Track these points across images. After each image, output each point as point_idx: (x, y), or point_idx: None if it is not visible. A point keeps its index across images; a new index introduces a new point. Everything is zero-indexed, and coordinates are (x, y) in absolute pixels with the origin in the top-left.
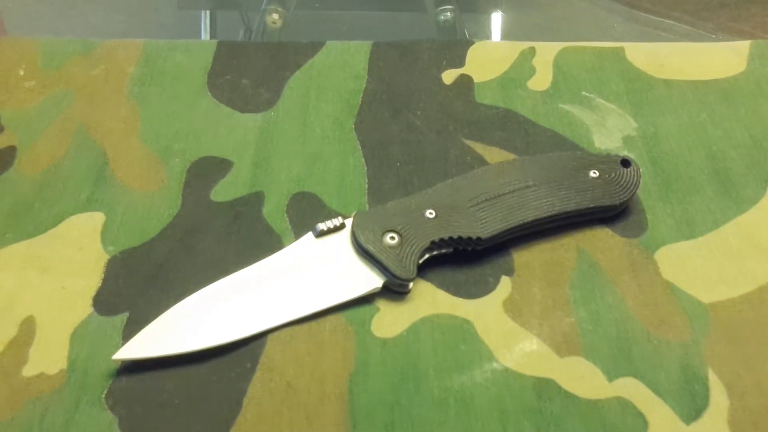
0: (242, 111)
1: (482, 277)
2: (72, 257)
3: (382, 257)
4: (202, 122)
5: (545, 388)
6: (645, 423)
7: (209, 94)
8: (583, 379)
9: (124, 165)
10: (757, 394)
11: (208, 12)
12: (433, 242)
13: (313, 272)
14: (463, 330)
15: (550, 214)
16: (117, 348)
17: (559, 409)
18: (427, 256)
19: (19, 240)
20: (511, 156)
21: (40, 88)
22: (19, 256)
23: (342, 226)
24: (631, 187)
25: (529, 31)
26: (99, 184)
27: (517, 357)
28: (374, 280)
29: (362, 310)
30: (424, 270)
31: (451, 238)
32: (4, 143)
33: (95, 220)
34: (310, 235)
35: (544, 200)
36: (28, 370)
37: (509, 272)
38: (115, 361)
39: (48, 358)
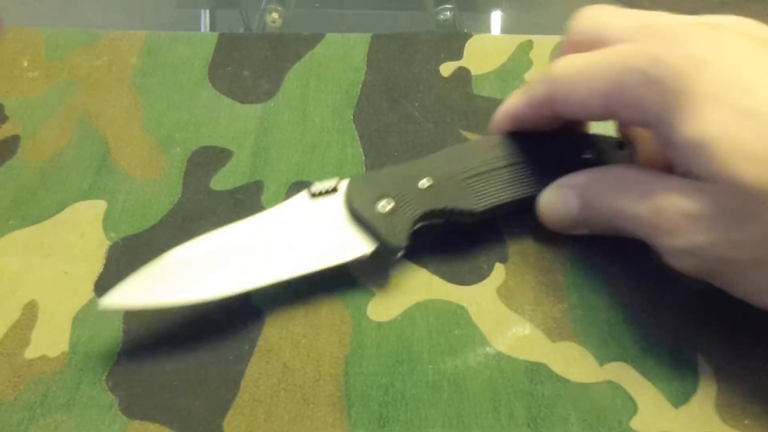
0: (242, 102)
1: (476, 264)
2: (74, 243)
3: (374, 223)
4: (203, 112)
5: (537, 371)
6: (635, 406)
7: (210, 85)
8: (574, 363)
9: (125, 154)
10: (745, 378)
11: (207, 11)
12: (425, 213)
13: (305, 233)
14: (457, 315)
15: (540, 191)
16: (118, 332)
17: (551, 391)
18: (419, 225)
19: (22, 226)
20: None
21: (44, 78)
22: (23, 242)
23: (335, 189)
24: None
25: (529, 29)
26: (101, 173)
27: (510, 341)
28: (364, 246)
29: (358, 295)
30: (419, 256)
31: (444, 210)
32: (8, 132)
33: (97, 207)
34: (304, 194)
35: (537, 177)
36: (30, 352)
37: (503, 259)
38: (116, 344)
39: (50, 340)
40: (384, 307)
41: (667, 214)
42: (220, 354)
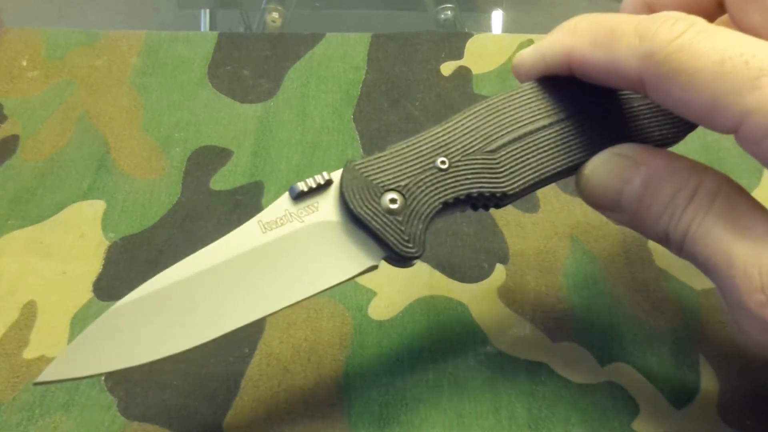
0: (242, 101)
1: (477, 262)
2: (73, 243)
3: (380, 228)
4: (203, 112)
5: (538, 371)
6: (636, 407)
7: (210, 84)
8: (575, 363)
9: (125, 153)
10: (746, 379)
11: (207, 11)
12: (445, 203)
13: (293, 249)
14: (458, 313)
15: (592, 155)
16: None
17: (552, 392)
18: (437, 220)
19: (21, 226)
20: None
21: (44, 78)
22: (22, 242)
23: (328, 183)
24: None
25: (530, 29)
26: (100, 173)
27: (510, 341)
28: (370, 256)
29: (360, 296)
30: None
31: (468, 197)
32: (7, 132)
33: (96, 207)
34: (285, 197)
35: (587, 136)
36: (29, 353)
37: (504, 260)
38: None
39: (49, 341)
40: (385, 304)
41: None
42: (219, 355)
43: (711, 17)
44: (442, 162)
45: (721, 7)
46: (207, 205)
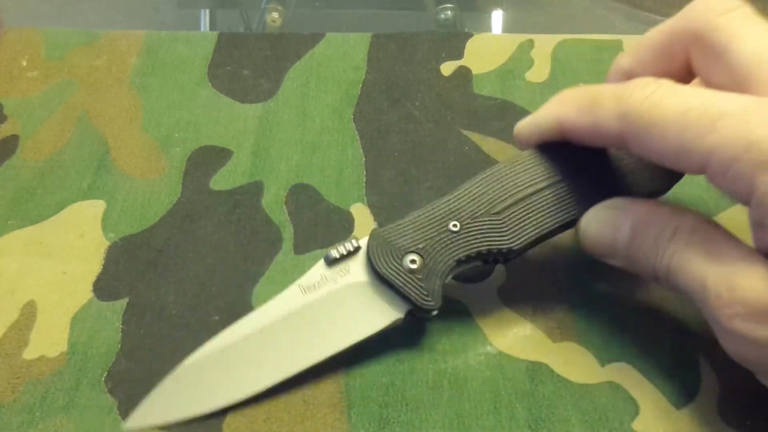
0: (242, 101)
1: None
2: (73, 243)
3: (402, 285)
4: (203, 112)
5: (538, 371)
6: (636, 407)
7: (210, 84)
8: (575, 363)
9: (125, 153)
10: (746, 379)
11: (207, 11)
12: (458, 261)
13: (330, 308)
14: (458, 313)
15: (586, 209)
16: (116, 332)
17: (552, 392)
18: (451, 275)
19: (21, 226)
20: (509, 146)
21: (43, 78)
22: (22, 242)
23: (357, 249)
24: None
25: (530, 29)
26: (100, 172)
27: (510, 341)
28: (395, 310)
29: None
30: None
31: (479, 253)
32: (7, 132)
33: (96, 207)
34: (321, 264)
35: (581, 195)
36: (29, 353)
37: None
38: (115, 344)
39: (48, 341)
40: None
41: (742, 295)
42: None
43: (685, 81)
44: (454, 225)
45: (691, 72)
46: (207, 205)
